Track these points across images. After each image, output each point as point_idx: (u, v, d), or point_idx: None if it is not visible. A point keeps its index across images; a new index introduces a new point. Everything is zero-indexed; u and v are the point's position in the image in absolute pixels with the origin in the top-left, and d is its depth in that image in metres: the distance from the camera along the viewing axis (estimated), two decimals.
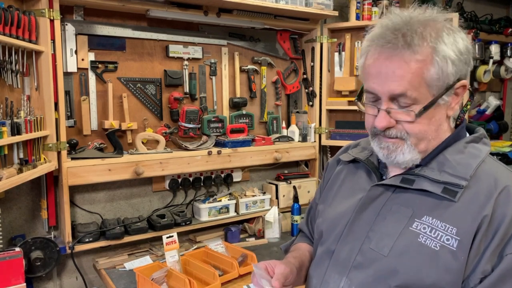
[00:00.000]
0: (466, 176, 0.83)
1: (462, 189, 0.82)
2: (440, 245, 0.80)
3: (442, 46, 0.80)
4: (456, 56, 0.82)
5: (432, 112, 0.84)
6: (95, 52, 1.94)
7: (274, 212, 2.25)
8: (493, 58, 3.30)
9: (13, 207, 1.82)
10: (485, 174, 0.84)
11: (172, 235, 1.71)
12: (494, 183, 0.82)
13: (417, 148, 0.87)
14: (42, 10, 1.64)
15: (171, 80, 2.11)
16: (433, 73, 0.81)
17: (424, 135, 0.86)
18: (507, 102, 3.92)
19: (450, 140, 0.89)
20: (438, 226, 0.82)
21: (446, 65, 0.81)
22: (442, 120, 0.87)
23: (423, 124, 0.84)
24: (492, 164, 0.87)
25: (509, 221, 0.78)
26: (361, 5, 2.50)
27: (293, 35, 2.54)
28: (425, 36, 0.80)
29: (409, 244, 0.83)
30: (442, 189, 0.84)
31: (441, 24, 0.83)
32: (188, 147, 2.09)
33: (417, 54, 0.80)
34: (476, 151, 0.88)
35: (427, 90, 0.82)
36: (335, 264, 0.94)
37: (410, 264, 0.82)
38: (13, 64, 1.54)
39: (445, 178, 0.84)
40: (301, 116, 2.52)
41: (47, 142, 1.71)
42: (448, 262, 0.79)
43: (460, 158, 0.86)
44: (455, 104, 0.87)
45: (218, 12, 2.13)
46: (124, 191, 2.10)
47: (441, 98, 0.83)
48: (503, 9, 3.92)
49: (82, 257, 1.95)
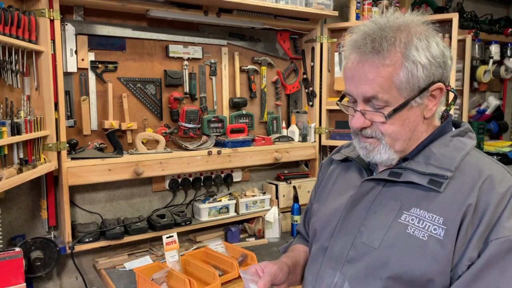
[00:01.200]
0: (451, 167, 0.86)
1: (447, 180, 0.85)
2: (428, 235, 0.83)
3: (412, 51, 0.84)
4: (428, 60, 0.85)
5: (405, 113, 0.87)
6: (95, 52, 1.94)
7: (274, 212, 2.25)
8: (493, 58, 3.31)
9: (13, 207, 1.82)
10: (469, 166, 0.87)
11: (172, 235, 1.71)
12: (478, 173, 0.85)
13: (393, 148, 0.91)
14: (42, 10, 1.64)
15: (171, 80, 2.11)
16: (402, 77, 0.84)
17: (397, 135, 0.89)
18: (507, 102, 3.92)
19: (436, 135, 0.93)
20: (426, 217, 0.85)
21: (416, 69, 0.84)
22: (417, 122, 0.90)
23: (396, 125, 0.88)
24: (476, 156, 0.90)
25: (493, 209, 0.80)
26: (361, 5, 2.50)
27: (293, 35, 2.54)
28: (394, 42, 0.84)
29: (398, 236, 0.86)
30: (428, 180, 0.87)
31: (414, 29, 0.86)
32: (188, 147, 2.09)
33: (386, 59, 0.84)
34: (461, 144, 0.91)
35: (398, 93, 0.85)
36: (329, 260, 0.96)
37: (399, 255, 0.85)
38: (13, 64, 1.54)
39: (431, 170, 0.87)
40: (301, 116, 2.52)
41: (47, 142, 1.71)
42: (436, 251, 0.81)
43: (445, 151, 0.89)
44: (432, 106, 0.90)
45: (218, 12, 2.13)
46: (124, 191, 2.10)
47: (414, 101, 0.86)
48: (503, 9, 3.92)
49: (82, 257, 1.95)
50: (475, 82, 3.41)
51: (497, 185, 0.83)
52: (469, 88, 2.87)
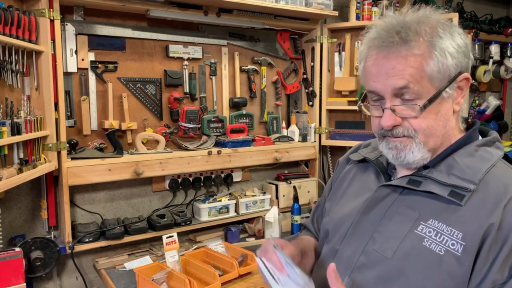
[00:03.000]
0: (475, 180, 0.81)
1: (469, 193, 0.80)
2: (445, 249, 0.79)
3: (438, 40, 0.81)
4: (454, 48, 0.82)
5: (438, 106, 0.83)
6: (95, 52, 1.94)
7: (274, 212, 2.25)
8: (493, 58, 3.30)
9: (13, 207, 1.82)
10: (494, 179, 0.82)
11: (172, 235, 1.71)
12: (504, 189, 0.80)
13: (427, 146, 0.85)
14: (42, 10, 1.64)
15: (171, 80, 2.11)
16: (432, 66, 0.81)
17: (432, 131, 0.84)
18: (507, 102, 3.92)
19: (461, 143, 0.87)
20: (444, 230, 0.80)
21: (445, 58, 0.81)
22: (449, 116, 0.85)
23: (429, 119, 0.83)
24: (503, 169, 0.85)
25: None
26: (361, 5, 2.50)
27: (293, 35, 2.54)
28: (419, 32, 0.82)
29: (413, 248, 0.82)
30: (449, 192, 0.82)
31: (434, 20, 0.84)
32: (188, 147, 2.09)
33: (414, 49, 0.81)
34: (487, 155, 0.85)
35: (429, 83, 0.82)
36: (338, 264, 0.92)
37: (413, 267, 0.81)
38: (13, 64, 1.54)
39: (453, 181, 0.83)
40: (301, 116, 2.52)
41: (47, 142, 1.71)
42: (452, 267, 0.77)
43: (470, 161, 0.84)
44: (460, 98, 0.86)
45: (218, 12, 2.13)
46: (124, 191, 2.10)
47: (445, 91, 0.83)
48: (503, 9, 3.92)
49: (82, 257, 1.95)
50: (475, 82, 3.41)
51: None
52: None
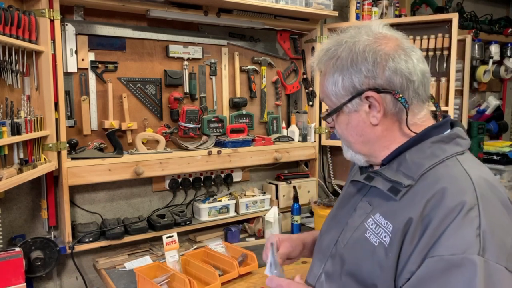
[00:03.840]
0: (414, 176, 0.85)
1: (406, 188, 0.84)
2: (379, 241, 0.85)
3: (339, 62, 0.91)
4: (354, 70, 0.89)
5: (346, 118, 0.94)
6: (95, 52, 1.94)
7: (274, 212, 2.25)
8: (493, 58, 3.31)
9: (13, 207, 1.82)
10: (433, 175, 0.83)
11: (172, 235, 1.71)
12: (433, 185, 0.81)
13: (351, 149, 0.98)
14: (42, 10, 1.64)
15: (171, 80, 2.11)
16: (328, 85, 0.94)
17: (346, 138, 0.97)
18: (507, 102, 3.92)
19: (416, 140, 0.90)
20: (382, 223, 0.86)
21: (338, 79, 0.92)
22: (363, 127, 0.93)
23: (341, 128, 0.97)
24: (450, 166, 0.84)
25: (436, 224, 0.76)
26: (361, 5, 2.50)
27: (293, 35, 2.54)
28: (332, 55, 0.93)
29: (358, 238, 0.90)
30: (389, 187, 0.88)
31: (353, 43, 0.91)
32: (188, 147, 2.09)
33: (322, 68, 0.96)
34: (439, 152, 0.86)
35: (329, 100, 0.96)
36: (318, 252, 1.05)
37: (354, 256, 0.90)
38: (13, 64, 1.54)
39: (396, 177, 0.87)
40: (301, 116, 2.52)
41: (47, 142, 1.71)
42: (381, 258, 0.83)
43: (418, 157, 0.87)
44: (376, 113, 0.90)
45: (218, 12, 2.13)
46: (124, 191, 2.10)
47: (346, 106, 0.92)
48: (503, 9, 3.92)
49: (82, 257, 1.95)
50: (475, 82, 3.41)
51: (446, 199, 0.77)
52: (469, 88, 2.87)
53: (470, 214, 0.75)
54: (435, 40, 2.35)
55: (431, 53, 2.37)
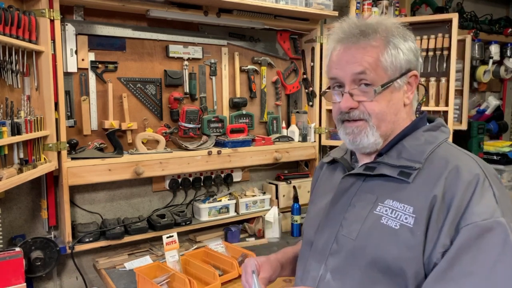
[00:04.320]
0: (420, 159, 0.92)
1: (416, 171, 0.91)
2: (400, 224, 0.88)
3: (392, 38, 0.95)
4: (405, 47, 0.96)
5: (389, 94, 0.95)
6: (95, 52, 1.94)
7: (274, 212, 2.25)
8: (493, 58, 3.31)
9: (13, 207, 1.82)
10: (438, 157, 0.92)
11: (172, 235, 1.71)
12: (445, 164, 0.90)
13: (379, 130, 0.96)
14: (42, 10, 1.64)
15: (171, 80, 2.11)
16: (387, 57, 0.94)
17: (383, 116, 0.96)
18: (507, 102, 3.92)
19: (409, 130, 0.98)
20: (397, 207, 0.90)
21: (397, 53, 0.95)
22: (399, 106, 0.97)
23: (381, 104, 0.95)
24: (446, 149, 0.95)
25: (460, 196, 0.84)
26: (361, 5, 2.50)
27: (293, 35, 2.54)
28: (377, 30, 0.95)
29: (373, 226, 0.92)
30: (398, 172, 0.93)
31: (391, 23, 0.98)
32: (188, 147, 2.09)
33: (371, 41, 0.94)
34: (432, 138, 0.96)
35: (383, 72, 0.94)
36: (314, 254, 1.02)
37: (374, 243, 0.90)
38: (13, 64, 1.54)
39: (402, 162, 0.93)
40: (301, 116, 2.52)
41: (47, 142, 1.71)
42: (407, 239, 0.86)
43: (416, 144, 0.95)
44: (410, 93, 0.98)
45: (218, 12, 2.13)
46: (124, 191, 2.10)
47: (396, 82, 0.95)
48: (503, 9, 3.92)
49: (82, 257, 1.95)
50: (475, 82, 3.41)
51: (463, 174, 0.86)
52: (469, 88, 2.87)
53: (485, 184, 0.85)
54: (435, 40, 2.35)
55: (431, 53, 2.37)
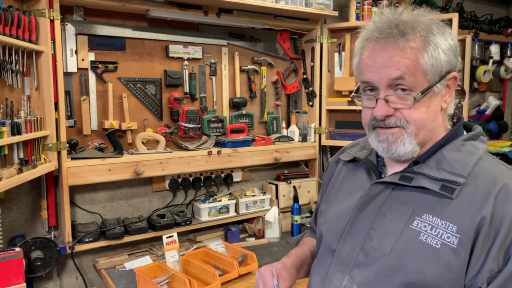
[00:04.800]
0: (463, 173, 0.84)
1: (459, 186, 0.83)
2: (441, 242, 0.81)
3: (432, 36, 0.85)
4: (446, 46, 0.85)
5: (428, 100, 0.86)
6: (95, 52, 1.94)
7: (274, 212, 2.25)
8: (493, 58, 3.30)
9: (13, 207, 1.82)
10: (482, 172, 0.84)
11: (172, 235, 1.71)
12: (493, 181, 0.82)
13: (417, 138, 0.87)
14: (42, 10, 1.64)
15: (171, 80, 2.11)
16: (427, 60, 0.84)
17: (422, 123, 0.86)
18: (507, 102, 3.92)
19: (448, 138, 0.90)
20: (438, 224, 0.82)
21: (438, 54, 0.84)
22: (437, 112, 0.88)
23: (420, 111, 0.86)
24: (489, 162, 0.88)
25: (510, 221, 0.78)
26: (361, 5, 2.50)
27: (293, 35, 2.54)
28: (415, 27, 0.85)
29: (410, 243, 0.84)
30: (440, 186, 0.85)
31: (429, 19, 0.87)
32: (188, 147, 2.09)
33: (411, 42, 0.84)
34: (473, 149, 0.88)
35: (423, 76, 0.84)
36: (337, 263, 0.94)
37: (412, 262, 0.83)
38: (13, 64, 1.54)
39: (443, 175, 0.85)
40: (301, 116, 2.52)
41: (47, 142, 1.71)
42: (449, 259, 0.80)
43: (458, 155, 0.87)
44: (448, 97, 0.89)
45: (218, 12, 2.13)
46: (124, 191, 2.10)
47: (436, 86, 0.85)
48: (503, 9, 3.92)
49: (82, 257, 1.95)
50: (475, 82, 3.41)
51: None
52: (469, 88, 2.87)
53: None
54: None
55: None
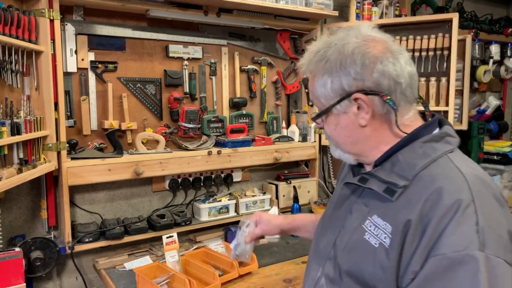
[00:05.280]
0: (409, 176, 0.86)
1: (401, 189, 0.85)
2: (379, 242, 0.85)
3: (324, 64, 0.92)
4: (341, 72, 0.90)
5: (336, 119, 0.95)
6: (95, 52, 1.94)
7: (274, 212, 2.23)
8: (493, 58, 3.31)
9: (13, 207, 1.82)
10: (427, 174, 0.85)
11: (172, 235, 1.71)
12: (430, 184, 0.82)
13: (339, 148, 1.01)
14: (42, 10, 1.64)
15: (171, 80, 2.11)
16: (317, 87, 0.95)
17: (334, 138, 0.99)
18: (507, 102, 3.92)
19: (407, 141, 0.91)
20: (380, 225, 0.87)
21: (325, 82, 0.93)
22: (353, 128, 0.94)
23: (330, 128, 0.98)
24: (443, 164, 0.86)
25: (436, 223, 0.78)
26: (361, 5, 2.50)
27: (293, 35, 2.54)
28: (312, 59, 0.96)
29: (357, 240, 0.91)
30: (384, 188, 0.88)
31: (342, 46, 0.91)
32: (188, 147, 2.09)
33: (307, 72, 0.98)
34: (430, 151, 0.88)
35: (319, 101, 0.97)
36: (315, 255, 1.04)
37: (354, 258, 0.90)
38: (13, 64, 1.54)
39: (391, 178, 0.88)
40: (301, 116, 2.52)
41: (47, 142, 1.71)
42: (382, 259, 0.84)
43: (410, 157, 0.88)
44: (364, 114, 0.91)
45: (218, 12, 2.13)
46: (124, 191, 2.09)
47: (335, 108, 0.93)
48: (503, 9, 3.92)
49: (82, 257, 1.95)
50: (475, 82, 3.41)
51: (443, 198, 0.79)
52: (469, 88, 2.87)
53: (468, 211, 0.77)
54: (435, 40, 2.35)
55: (431, 53, 2.37)
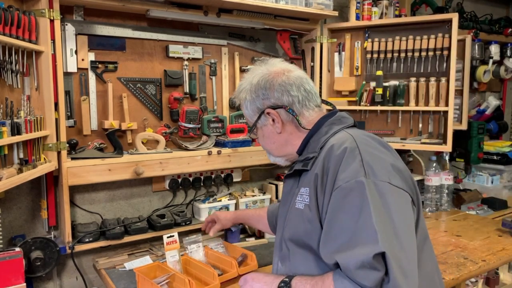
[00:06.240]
0: (316, 149, 1.14)
1: (311, 159, 1.13)
2: (304, 204, 1.11)
3: (245, 94, 1.27)
4: (254, 99, 1.25)
5: (260, 131, 1.29)
6: (95, 52, 1.94)
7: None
8: (493, 58, 3.31)
9: (13, 207, 1.82)
10: (329, 143, 1.12)
11: (173, 235, 1.71)
12: (328, 147, 1.09)
13: (272, 154, 1.33)
14: (42, 10, 1.64)
15: (171, 80, 2.11)
16: (244, 110, 1.30)
17: (266, 146, 1.31)
18: (507, 102, 3.93)
19: (315, 130, 1.20)
20: (303, 191, 1.12)
21: (248, 105, 1.27)
22: (274, 135, 1.26)
23: (260, 140, 1.32)
24: (341, 134, 1.14)
25: (332, 169, 1.04)
26: (361, 5, 2.50)
27: (293, 35, 2.54)
28: (239, 89, 1.30)
29: (291, 211, 1.17)
30: (302, 164, 1.16)
31: (247, 81, 1.27)
32: (188, 147, 2.09)
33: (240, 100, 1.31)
34: (330, 129, 1.17)
35: (248, 120, 1.31)
36: (275, 249, 1.29)
37: (292, 225, 1.16)
38: (13, 64, 1.54)
39: (305, 156, 1.17)
40: None
41: (47, 142, 1.71)
42: (307, 214, 1.09)
43: (317, 138, 1.18)
44: (277, 124, 1.23)
45: (218, 12, 2.13)
46: (124, 191, 2.10)
47: (257, 122, 1.26)
48: (503, 9, 3.92)
49: (82, 257, 1.95)
50: (475, 82, 3.41)
51: (334, 149, 1.06)
52: (469, 88, 2.87)
53: (353, 153, 1.03)
54: (435, 40, 2.35)
55: (431, 53, 2.37)
